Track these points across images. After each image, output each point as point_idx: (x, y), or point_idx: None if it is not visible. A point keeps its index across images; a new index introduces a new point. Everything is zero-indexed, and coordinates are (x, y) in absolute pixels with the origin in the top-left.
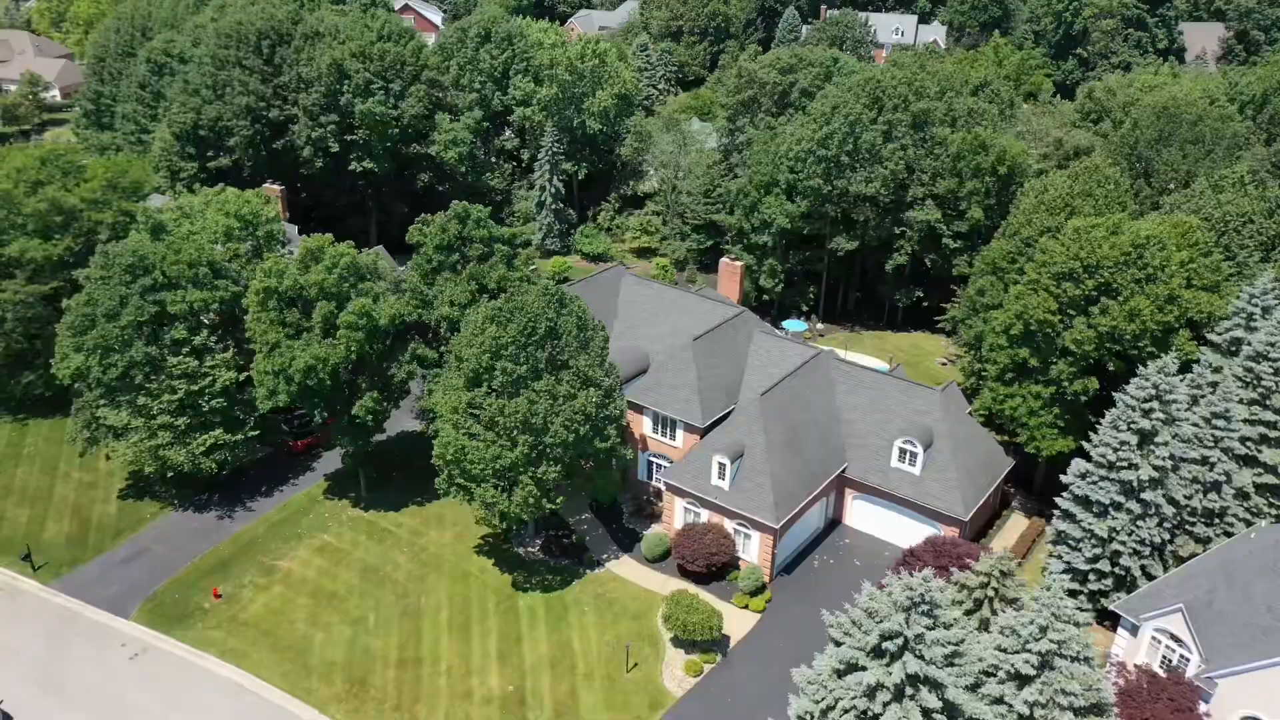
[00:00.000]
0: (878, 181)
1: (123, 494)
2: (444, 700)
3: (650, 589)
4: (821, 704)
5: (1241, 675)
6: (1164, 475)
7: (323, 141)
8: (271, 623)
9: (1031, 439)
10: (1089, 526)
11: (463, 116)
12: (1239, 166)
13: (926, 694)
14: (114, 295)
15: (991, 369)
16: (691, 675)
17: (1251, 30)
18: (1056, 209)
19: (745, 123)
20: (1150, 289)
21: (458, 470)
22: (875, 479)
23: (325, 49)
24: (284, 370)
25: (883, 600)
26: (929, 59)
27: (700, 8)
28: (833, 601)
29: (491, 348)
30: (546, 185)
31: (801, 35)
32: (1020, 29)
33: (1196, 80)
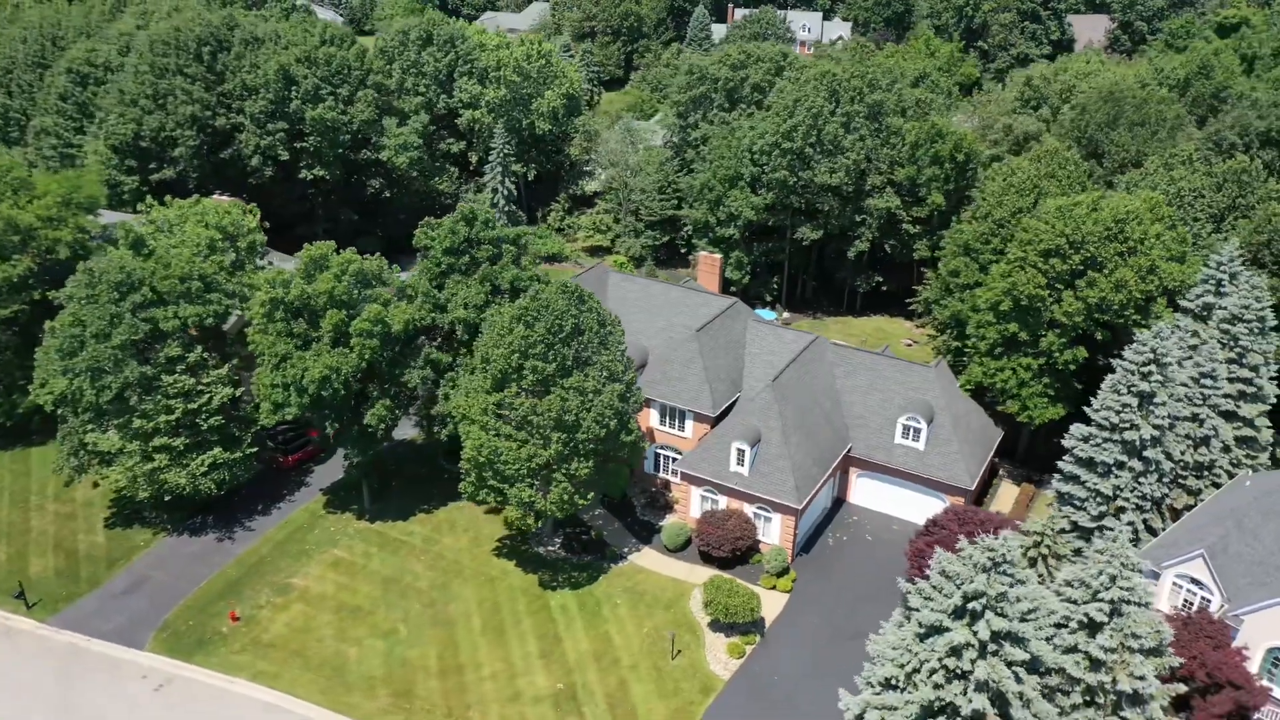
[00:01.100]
0: (841, 171)
1: (109, 523)
2: (495, 704)
3: (677, 578)
4: (907, 667)
5: (1265, 611)
6: (1162, 434)
7: (272, 150)
8: (298, 642)
9: (1024, 408)
10: (1094, 486)
11: (410, 121)
12: (1186, 145)
13: (1010, 648)
14: (104, 314)
15: (981, 345)
16: (735, 657)
17: (1135, 21)
18: (1025, 190)
19: (697, 118)
20: (1133, 261)
21: (490, 472)
22: (881, 456)
23: (270, 55)
24: (297, 382)
25: (962, 563)
26: (861, 52)
27: (613, 8)
28: (853, 576)
29: (520, 347)
30: (499, 187)
31: (712, 34)
32: (921, 24)
33: (1129, 67)
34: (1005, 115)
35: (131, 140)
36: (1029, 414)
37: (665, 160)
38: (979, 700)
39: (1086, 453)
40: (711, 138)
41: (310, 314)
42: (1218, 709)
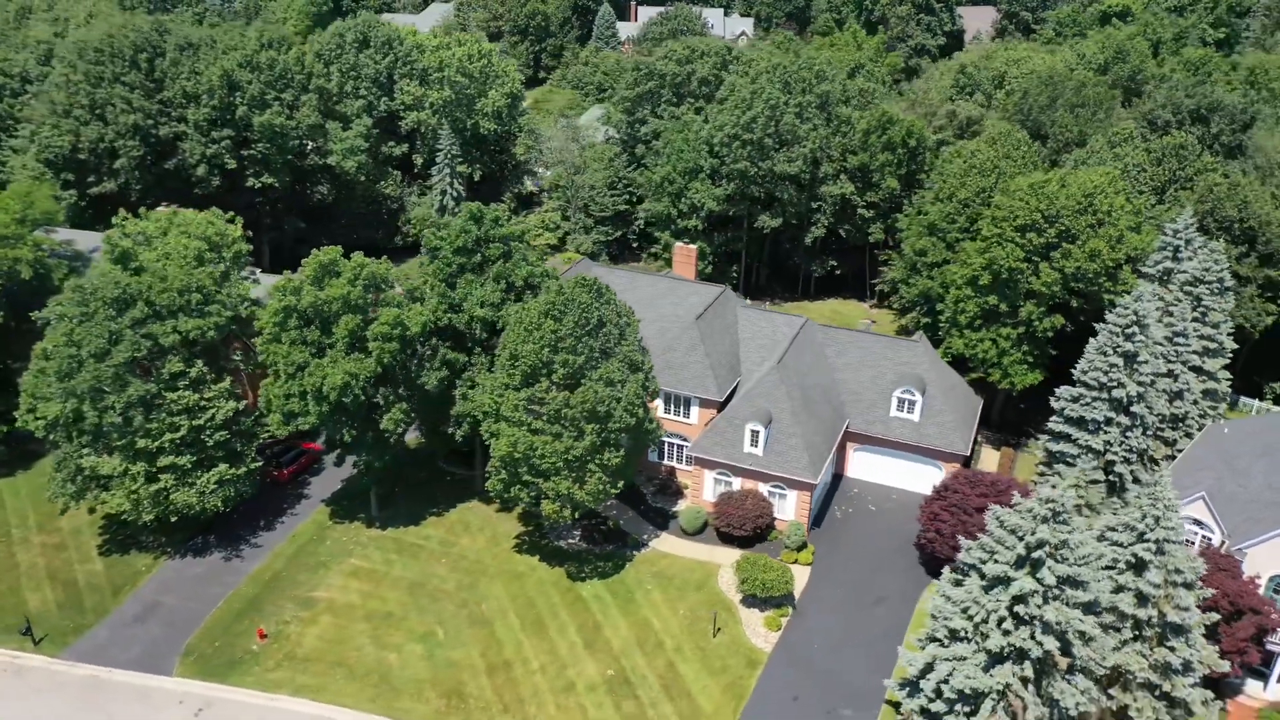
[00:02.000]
0: (799, 160)
1: (104, 550)
2: (549, 696)
3: (700, 560)
4: (975, 619)
5: (1265, 544)
6: (1145, 390)
7: (218, 158)
8: (335, 653)
9: (1005, 375)
10: (1085, 443)
11: (353, 124)
12: (1126, 124)
13: (1071, 591)
14: (101, 332)
15: (962, 318)
16: (773, 630)
17: (1020, 11)
18: (987, 171)
19: (646, 114)
20: (1103, 231)
21: (525, 468)
22: (878, 429)
23: (210, 60)
24: (316, 390)
25: (1022, 516)
26: (789, 45)
27: (519, 8)
28: (865, 545)
29: (550, 341)
30: (447, 189)
31: (618, 32)
32: (821, 18)
33: (1053, 54)
34: (945, 102)
35: (69, 153)
36: (1010, 381)
37: (614, 156)
38: (1049, 642)
39: (1077, 412)
40: (665, 132)
41: (323, 321)
42: (1241, 634)
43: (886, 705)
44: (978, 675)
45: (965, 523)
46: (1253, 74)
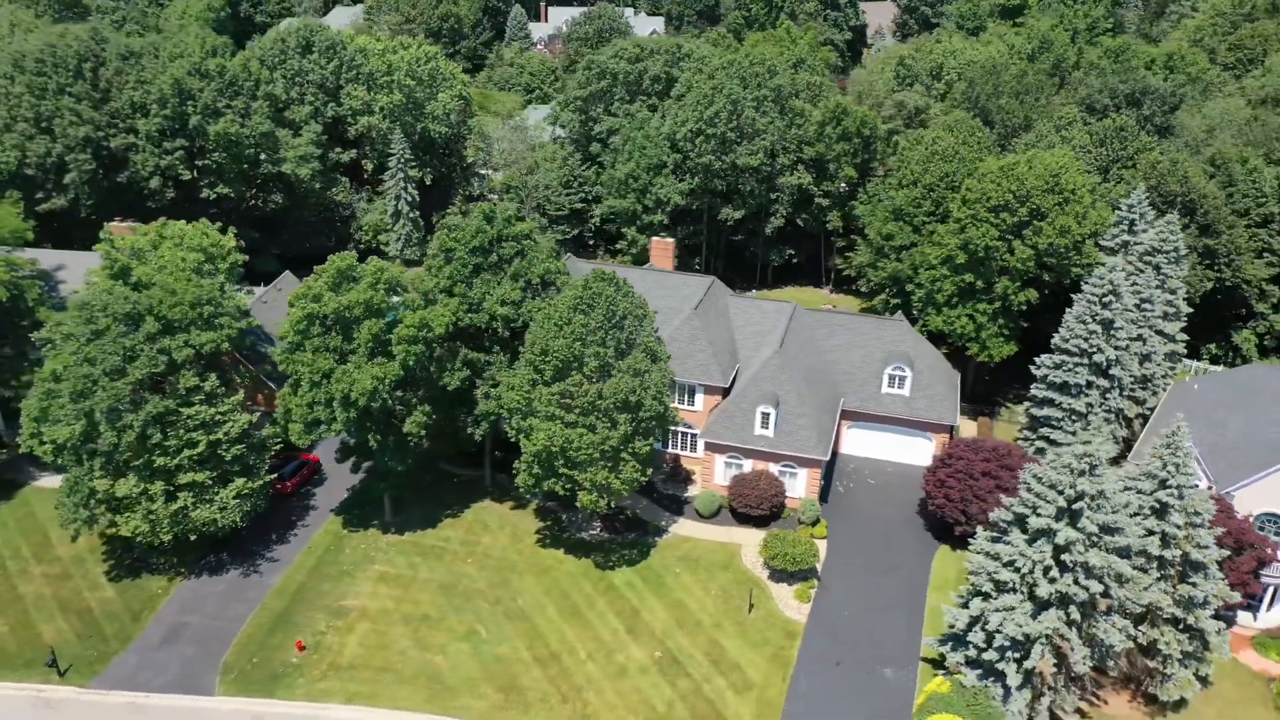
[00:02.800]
0: (760, 153)
1: (112, 576)
2: (604, 681)
3: (721, 541)
4: (1023, 570)
5: (1249, 486)
6: (1121, 354)
7: (172, 170)
8: (380, 658)
9: (983, 348)
10: (1069, 406)
11: (303, 131)
12: (1069, 109)
13: (1109, 538)
14: (115, 349)
15: (939, 296)
16: (804, 602)
17: (920, 6)
18: (949, 157)
19: (599, 112)
20: (1070, 208)
21: (561, 461)
22: (871, 406)
23: (158, 69)
24: (345, 396)
25: (1059, 471)
26: (724, 42)
27: (431, 9)
28: (872, 516)
29: (581, 335)
30: (401, 194)
31: (531, 33)
32: (730, 15)
33: (987, 44)
34: (891, 93)
35: (15, 168)
36: (988, 353)
37: (568, 155)
38: (1093, 585)
39: (1060, 378)
40: (622, 129)
41: (344, 327)
42: (1245, 567)
43: (923, 662)
44: (1027, 622)
45: (973, 487)
46: (1170, 60)
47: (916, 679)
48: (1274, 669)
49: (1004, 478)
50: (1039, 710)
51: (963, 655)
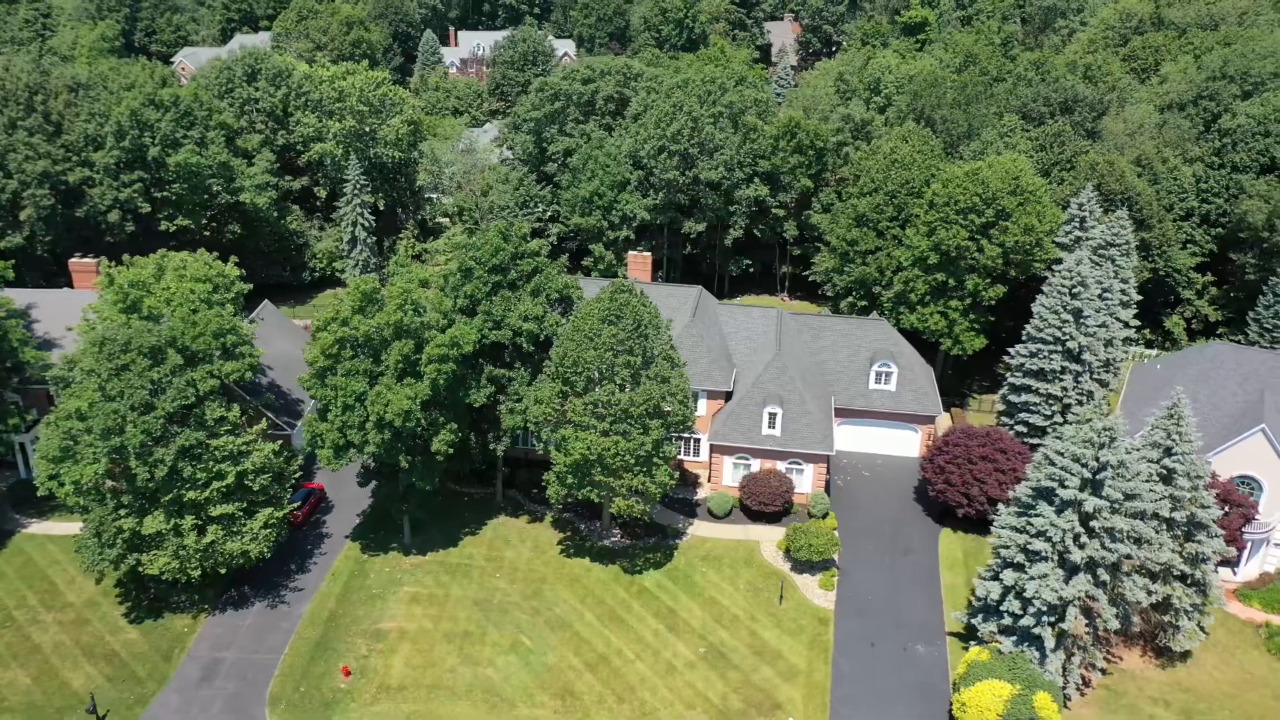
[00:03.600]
0: (720, 167)
1: (132, 617)
2: (655, 679)
3: (738, 539)
4: (1054, 539)
5: (1224, 452)
6: (1090, 340)
7: (131, 203)
8: (430, 677)
9: (956, 343)
10: (1045, 391)
11: (256, 160)
12: (1010, 117)
13: (1129, 503)
14: (143, 384)
15: (913, 295)
16: (829, 590)
17: (823, 25)
18: (908, 164)
19: (554, 133)
20: (1030, 208)
21: (598, 469)
22: (860, 402)
23: (112, 101)
24: (380, 418)
25: (1082, 446)
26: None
27: (342, 35)
28: (875, 506)
29: (611, 345)
30: (358, 220)
31: (443, 57)
32: (640, 36)
33: (918, 59)
34: (836, 107)
35: None
36: (961, 347)
37: (523, 176)
38: (1120, 548)
39: (1036, 365)
40: (581, 149)
41: (372, 349)
42: (1234, 524)
43: (949, 636)
44: (1060, 587)
45: (972, 470)
46: (1088, 70)
47: (947, 652)
48: (1259, 617)
49: (1000, 460)
50: (1071, 669)
51: (995, 624)
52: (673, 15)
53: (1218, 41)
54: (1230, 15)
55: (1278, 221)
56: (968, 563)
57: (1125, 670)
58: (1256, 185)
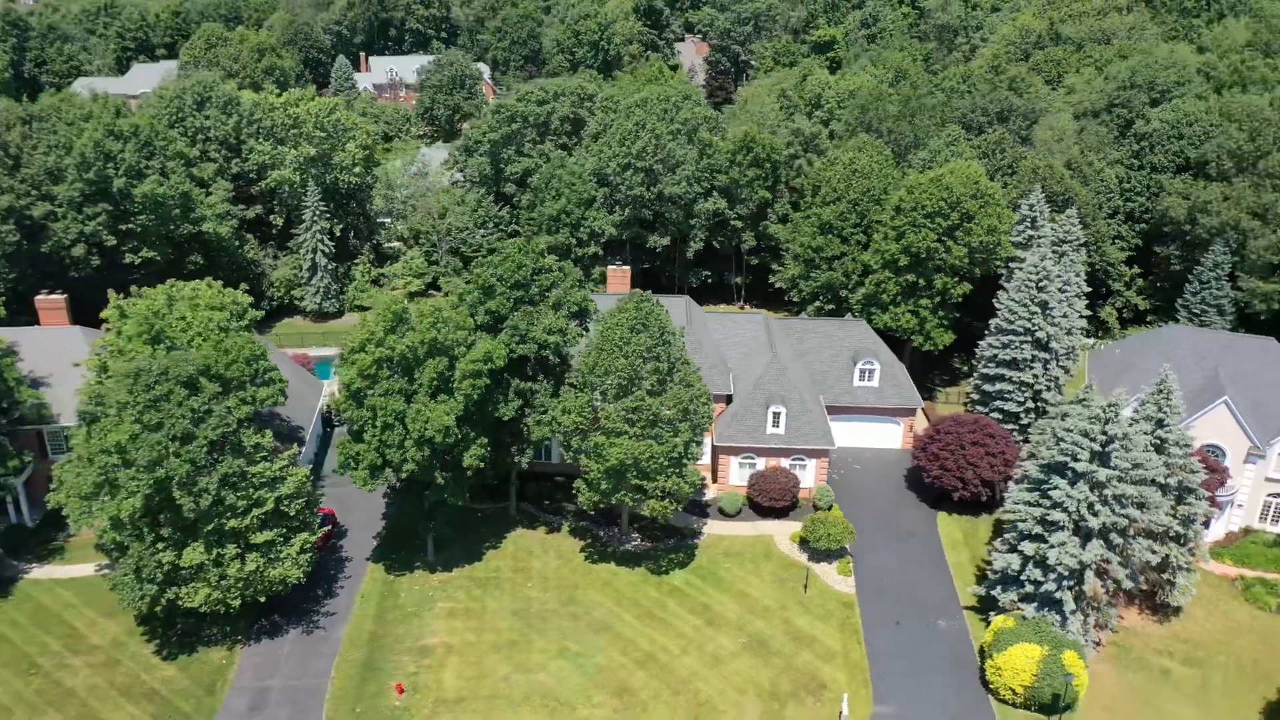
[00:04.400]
0: (683, 182)
1: (164, 654)
2: (705, 670)
3: (753, 535)
4: (1072, 510)
5: (1191, 424)
6: (1056, 329)
7: (96, 236)
8: (485, 687)
9: (927, 339)
10: (1017, 379)
11: (214, 189)
12: (954, 128)
13: (1135, 471)
14: (183, 414)
15: (884, 296)
16: (847, 576)
17: (731, 45)
18: (867, 174)
19: (511, 153)
20: (990, 210)
21: (634, 473)
22: (847, 399)
23: (73, 132)
24: (421, 436)
25: (1090, 421)
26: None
27: (254, 63)
28: (872, 495)
29: (642, 353)
30: (318, 246)
31: (356, 83)
32: (554, 59)
33: (856, 76)
34: (783, 121)
35: None
36: (932, 343)
37: (481, 197)
38: (1131, 513)
39: (1009, 355)
40: (542, 169)
41: (404, 367)
42: (1212, 487)
43: (966, 610)
44: (1079, 553)
45: (965, 455)
46: (1013, 82)
47: (966, 624)
48: (1232, 572)
49: (990, 444)
50: (1088, 629)
51: (1016, 593)
52: (587, 38)
53: (1116, 54)
54: (1120, 31)
55: (1199, 216)
56: (968, 542)
57: (1128, 628)
58: (1174, 184)
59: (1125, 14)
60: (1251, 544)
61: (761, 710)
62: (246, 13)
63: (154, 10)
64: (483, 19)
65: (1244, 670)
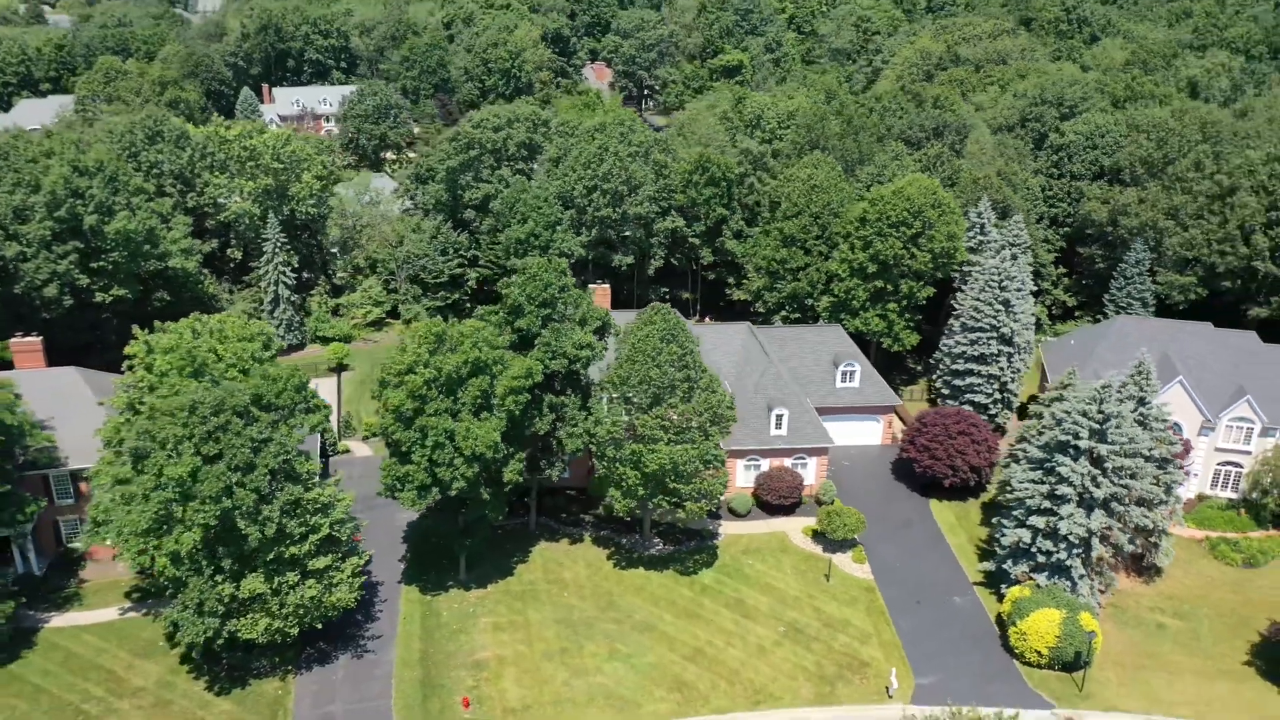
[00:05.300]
0: (646, 202)
1: (216, 690)
2: (753, 660)
3: (767, 531)
4: (1075, 483)
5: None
6: (1017, 325)
7: (68, 275)
8: (547, 693)
9: (896, 340)
10: (986, 373)
11: (173, 223)
12: (896, 144)
13: (1129, 444)
14: (243, 443)
15: (854, 302)
16: (863, 563)
17: (637, 71)
18: (825, 189)
19: (469, 179)
20: (948, 218)
21: (672, 477)
22: (831, 400)
23: (40, 169)
24: (473, 453)
25: (1088, 402)
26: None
27: (156, 96)
28: (866, 488)
29: (673, 361)
30: (279, 278)
31: (262, 113)
32: (464, 87)
33: (791, 99)
34: (727, 144)
35: None
36: (900, 344)
37: (440, 224)
38: (1133, 484)
39: (977, 350)
40: (504, 194)
41: (448, 387)
42: (1181, 460)
43: (976, 586)
44: (1085, 521)
45: (954, 444)
46: (936, 101)
47: (979, 599)
48: (1198, 534)
49: (974, 434)
50: (1094, 592)
51: (1027, 565)
52: (498, 66)
53: (1015, 74)
54: (1013, 52)
55: (1119, 218)
56: (962, 525)
57: (1120, 590)
58: (1093, 190)
59: (1014, 37)
60: (1208, 509)
61: (814, 691)
62: (134, 45)
63: (33, 44)
64: (383, 49)
65: (1226, 619)
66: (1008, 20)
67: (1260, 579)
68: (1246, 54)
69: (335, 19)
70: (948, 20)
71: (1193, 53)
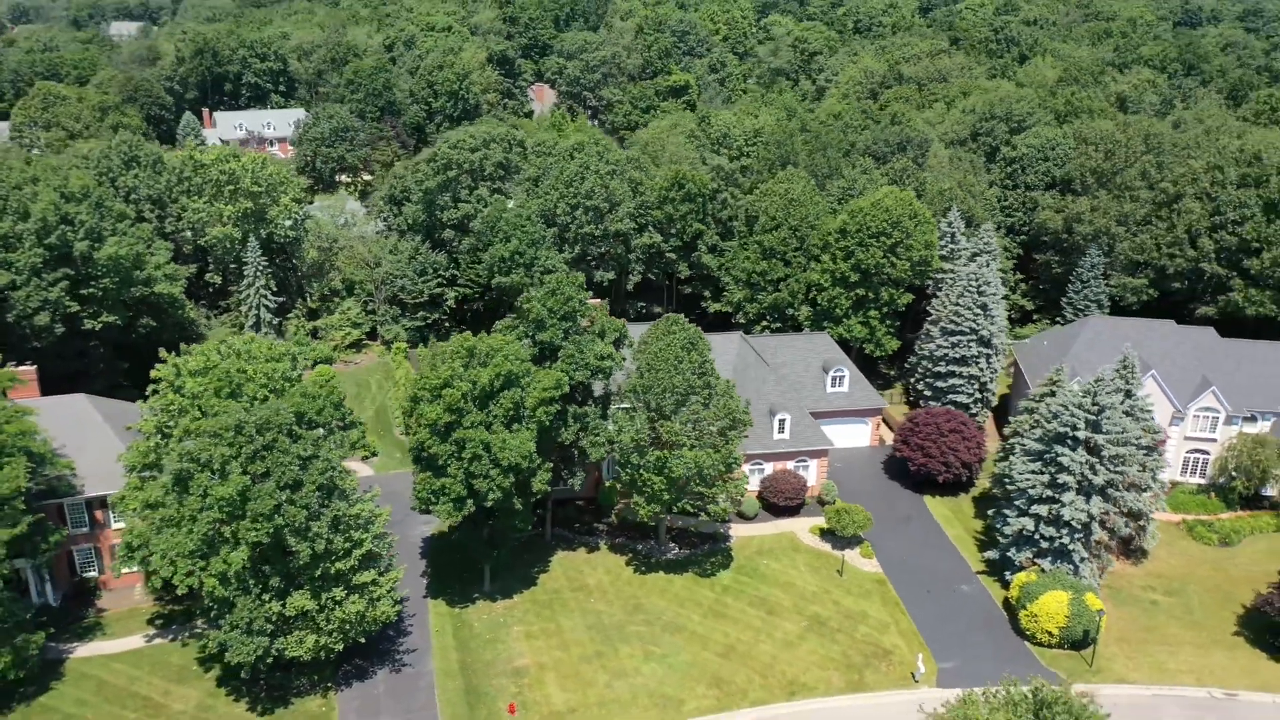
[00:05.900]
0: (626, 218)
1: (259, 710)
2: (783, 653)
3: (775, 532)
4: (1075, 472)
5: None
6: (995, 327)
7: (59, 303)
8: (592, 695)
9: (878, 345)
10: (967, 374)
11: (155, 249)
12: (865, 159)
13: (1121, 434)
14: (290, 461)
15: (838, 310)
16: (871, 558)
17: (582, 92)
18: (802, 202)
19: (448, 200)
20: (924, 227)
21: (697, 481)
22: (822, 404)
23: (27, 196)
24: (509, 464)
25: (1081, 395)
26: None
27: (97, 122)
28: (863, 486)
29: (697, 369)
30: (261, 301)
31: (205, 138)
32: (410, 109)
33: (757, 117)
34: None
35: None
36: (882, 349)
37: (418, 244)
38: (1128, 471)
39: (958, 353)
40: (485, 213)
41: (481, 400)
42: (1163, 448)
43: (979, 575)
44: (1086, 507)
45: (946, 441)
46: (895, 118)
47: (984, 586)
48: (1174, 517)
49: (965, 431)
50: (1096, 574)
51: (1030, 551)
52: (444, 88)
53: (958, 92)
54: (953, 71)
55: (1074, 225)
56: (958, 518)
57: (1112, 572)
58: (1046, 199)
59: (951, 56)
60: (1181, 493)
61: (845, 680)
62: (64, 70)
63: None
64: (322, 71)
65: (1212, 593)
66: (941, 40)
67: (1237, 556)
68: (1163, 70)
69: (272, 42)
70: (887, 41)
71: (1116, 70)
